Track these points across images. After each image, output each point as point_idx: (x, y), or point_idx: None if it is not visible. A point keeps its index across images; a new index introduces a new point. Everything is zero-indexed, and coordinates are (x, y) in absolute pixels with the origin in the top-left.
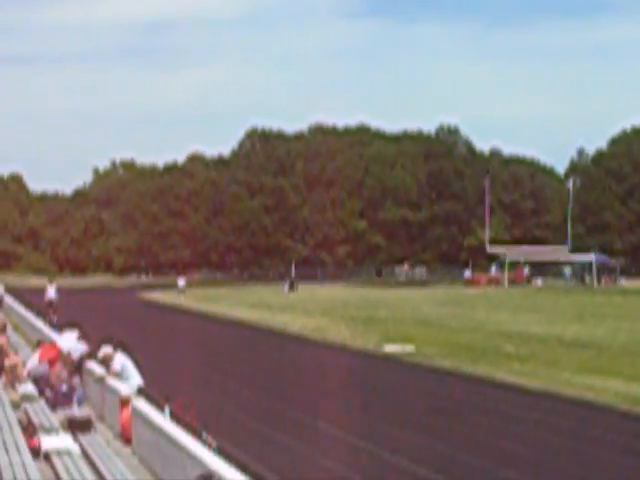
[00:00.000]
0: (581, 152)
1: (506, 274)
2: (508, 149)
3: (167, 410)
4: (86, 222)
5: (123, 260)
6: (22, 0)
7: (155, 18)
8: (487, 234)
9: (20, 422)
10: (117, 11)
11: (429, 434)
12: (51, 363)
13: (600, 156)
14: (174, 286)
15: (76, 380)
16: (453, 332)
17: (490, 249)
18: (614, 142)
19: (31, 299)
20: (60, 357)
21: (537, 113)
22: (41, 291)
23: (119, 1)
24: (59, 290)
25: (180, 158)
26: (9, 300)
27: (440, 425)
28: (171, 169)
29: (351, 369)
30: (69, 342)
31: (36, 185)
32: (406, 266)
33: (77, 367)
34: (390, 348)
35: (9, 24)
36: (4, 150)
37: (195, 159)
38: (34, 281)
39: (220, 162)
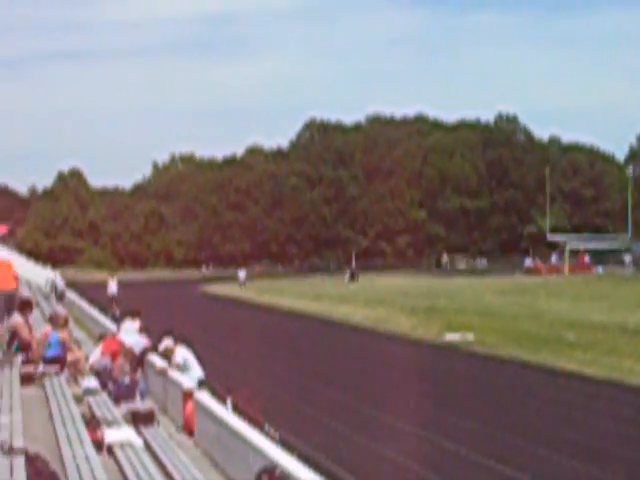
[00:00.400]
0: None
1: (566, 262)
2: (567, 136)
3: (229, 402)
4: (146, 216)
5: (183, 253)
6: None
7: (212, 11)
8: (547, 222)
9: (83, 416)
10: (176, 5)
11: (490, 423)
12: (113, 357)
13: None
14: (234, 279)
15: (138, 373)
16: (514, 321)
17: (550, 237)
18: None
19: (93, 293)
20: (122, 350)
21: (596, 100)
22: (102, 285)
23: None
24: (120, 284)
25: (239, 151)
26: (71, 294)
27: (501, 414)
28: (230, 162)
29: (412, 358)
30: (131, 336)
31: (96, 180)
32: (445, 256)
33: (139, 360)
34: (450, 337)
35: (70, 20)
36: (64, 145)
37: (254, 151)
38: (95, 275)
39: (279, 154)
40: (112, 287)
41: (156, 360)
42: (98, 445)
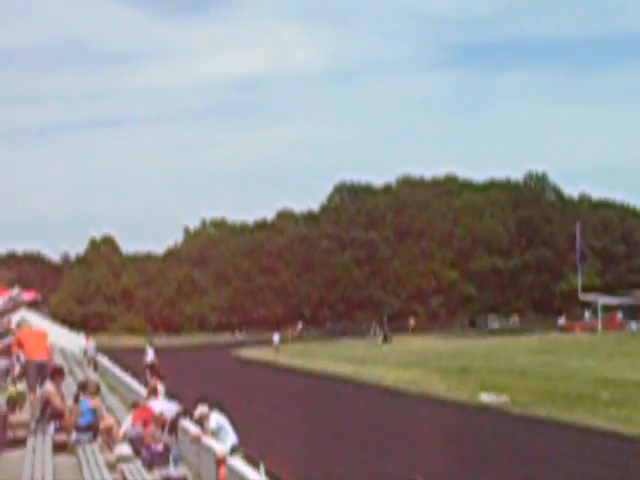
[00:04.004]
0: None
1: (599, 320)
2: (597, 193)
3: (262, 468)
4: (179, 281)
5: (217, 318)
6: (115, 64)
7: (242, 76)
8: (579, 280)
9: None
10: (204, 72)
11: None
12: (145, 424)
13: None
14: (268, 342)
15: (171, 440)
16: (548, 380)
17: (582, 296)
18: None
19: (126, 359)
20: (152, 418)
21: (625, 156)
22: (136, 351)
23: (206, 62)
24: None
25: (270, 215)
26: (104, 361)
27: (537, 476)
28: (261, 226)
29: (446, 421)
30: (162, 403)
31: (128, 246)
32: (412, 320)
33: (172, 427)
34: (485, 398)
35: (102, 88)
36: (96, 212)
37: (285, 215)
38: (129, 341)
39: (310, 217)
40: (150, 354)
41: (189, 426)
42: None
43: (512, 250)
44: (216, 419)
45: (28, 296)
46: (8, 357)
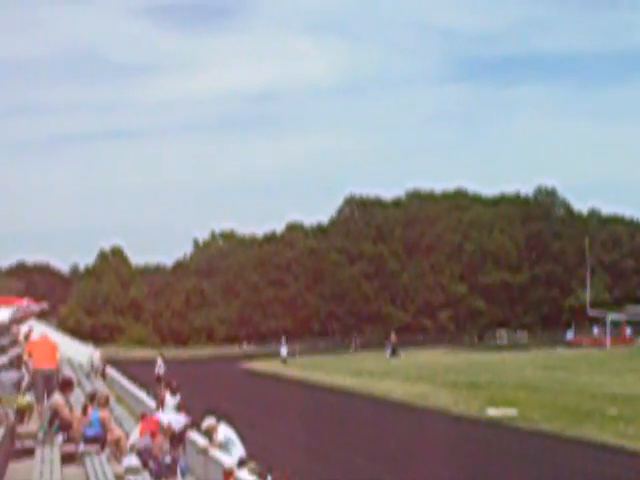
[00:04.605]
0: None
1: (608, 335)
2: (607, 209)
3: None
4: (187, 293)
5: (225, 330)
6: (126, 76)
7: (252, 89)
8: (588, 295)
9: None
10: (215, 84)
11: None
12: (153, 435)
13: None
14: (276, 355)
15: (179, 451)
16: (556, 395)
17: (591, 311)
18: None
19: (134, 371)
20: (160, 429)
21: (636, 172)
22: (144, 362)
23: (217, 74)
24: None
25: (279, 227)
26: (113, 372)
27: None
28: (270, 239)
29: (453, 435)
30: (169, 413)
31: (137, 258)
32: (394, 336)
33: (179, 438)
34: (493, 413)
35: (113, 100)
36: (105, 224)
37: (294, 228)
38: (137, 353)
39: (319, 230)
40: (160, 366)
41: (197, 438)
42: None
43: (521, 265)
44: (224, 431)
45: (37, 307)
46: (18, 369)
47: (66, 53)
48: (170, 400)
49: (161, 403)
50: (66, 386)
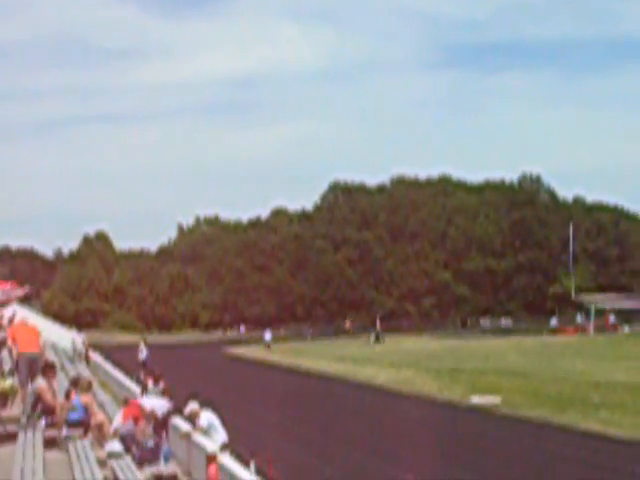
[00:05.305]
0: None
1: (592, 322)
2: (591, 196)
3: (252, 465)
4: (171, 278)
5: (209, 316)
6: (111, 61)
7: (237, 75)
8: (572, 282)
9: (106, 479)
10: (200, 70)
11: None
12: (136, 420)
13: None
14: (259, 341)
15: (162, 437)
16: (540, 382)
17: (575, 297)
18: None
19: (118, 356)
20: (143, 414)
21: (620, 159)
22: (127, 348)
23: (202, 60)
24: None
25: (264, 213)
26: (95, 357)
27: (523, 477)
28: (255, 224)
29: (436, 421)
30: (152, 399)
31: (121, 243)
32: (348, 322)
33: (163, 424)
34: (476, 399)
35: (98, 85)
36: (90, 209)
37: (279, 214)
38: (120, 338)
39: (303, 216)
40: (142, 351)
41: (180, 423)
42: None
43: (505, 251)
44: (206, 416)
45: (20, 291)
46: None
47: (51, 38)
48: (153, 387)
49: (145, 389)
50: (48, 369)
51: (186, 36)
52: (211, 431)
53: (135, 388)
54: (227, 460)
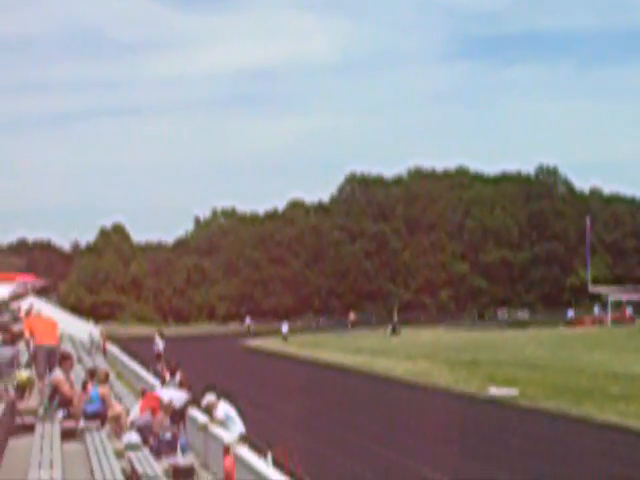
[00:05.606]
0: None
1: (609, 314)
2: (608, 188)
3: (269, 457)
4: (188, 271)
5: (225, 308)
6: (128, 53)
7: (253, 67)
8: (589, 274)
9: (124, 471)
10: (217, 62)
11: (527, 474)
12: (153, 412)
13: None
14: (276, 333)
15: (179, 428)
16: (557, 374)
17: (592, 289)
18: None
19: (135, 348)
20: (160, 406)
21: (637, 150)
22: (145, 340)
23: (219, 52)
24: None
25: (280, 205)
26: (113, 349)
27: (542, 468)
28: (272, 216)
29: (454, 413)
30: (169, 390)
31: (138, 235)
32: (352, 315)
33: (180, 415)
34: (494, 391)
35: (114, 77)
36: (107, 201)
37: (295, 206)
38: (137, 330)
39: (320, 208)
40: (158, 344)
41: (197, 415)
42: None
43: (522, 243)
44: (224, 408)
45: (37, 283)
46: (13, 345)
47: (67, 30)
48: (170, 379)
49: (164, 381)
50: (65, 360)
51: (202, 28)
52: (228, 423)
53: (152, 380)
54: (244, 451)
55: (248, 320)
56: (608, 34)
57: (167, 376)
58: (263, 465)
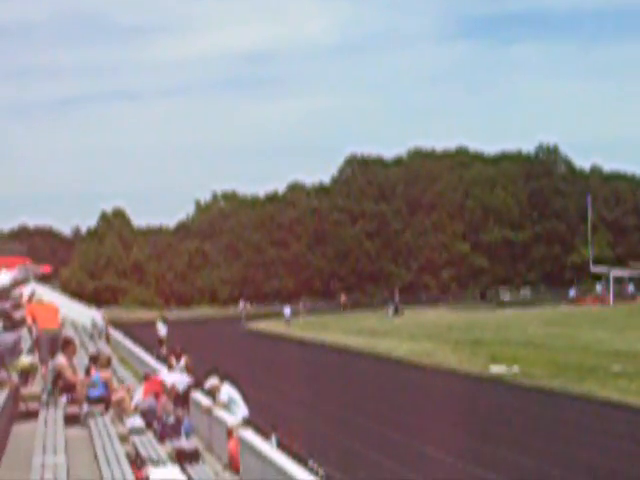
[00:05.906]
0: None
1: (611, 292)
2: (609, 166)
3: (274, 439)
4: (190, 254)
5: (227, 291)
6: (127, 37)
7: (253, 49)
8: (590, 252)
9: (128, 455)
10: (216, 44)
11: (531, 454)
12: (156, 396)
13: None
14: (278, 315)
15: (183, 412)
16: (559, 352)
17: (593, 268)
18: None
19: (138, 332)
20: (163, 390)
21: (637, 128)
22: (147, 324)
23: (218, 35)
24: (167, 323)
25: (281, 187)
26: (116, 334)
27: (541, 445)
28: (272, 199)
29: (457, 392)
30: (173, 374)
31: (139, 219)
32: (343, 297)
33: (183, 399)
34: (496, 370)
35: (114, 61)
36: (107, 186)
37: (296, 188)
38: (140, 314)
39: (321, 190)
40: (161, 329)
41: (201, 398)
42: None
43: (523, 222)
44: (227, 391)
45: (39, 269)
46: (15, 331)
47: (67, 15)
48: (176, 363)
49: (170, 366)
50: (67, 345)
51: (201, 11)
52: (232, 405)
53: (155, 364)
54: (248, 434)
55: (242, 304)
56: (609, 12)
57: (173, 361)
58: (267, 447)
